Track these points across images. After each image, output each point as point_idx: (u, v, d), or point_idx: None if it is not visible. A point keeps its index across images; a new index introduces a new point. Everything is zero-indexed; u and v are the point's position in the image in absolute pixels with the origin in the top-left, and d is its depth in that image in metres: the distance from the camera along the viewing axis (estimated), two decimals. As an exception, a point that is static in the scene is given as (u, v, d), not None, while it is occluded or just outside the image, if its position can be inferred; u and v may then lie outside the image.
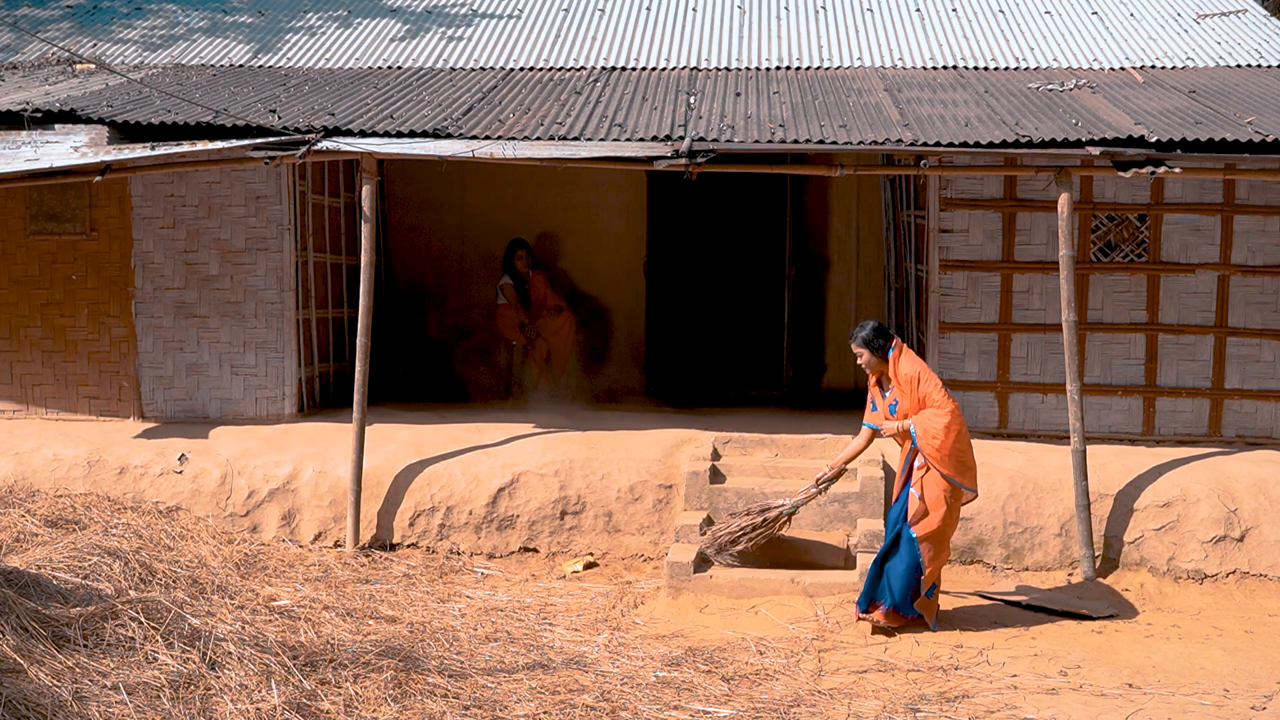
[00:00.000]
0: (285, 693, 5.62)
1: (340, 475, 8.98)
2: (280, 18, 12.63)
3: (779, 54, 11.59)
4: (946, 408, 7.31)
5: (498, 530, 8.89)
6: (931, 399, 7.34)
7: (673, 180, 11.21)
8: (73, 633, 5.90)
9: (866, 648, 7.13)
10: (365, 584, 8.08)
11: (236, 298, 10.10)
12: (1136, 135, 8.51)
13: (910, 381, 7.40)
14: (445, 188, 12.36)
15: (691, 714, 6.01)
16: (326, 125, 8.89)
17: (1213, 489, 8.67)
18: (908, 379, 7.41)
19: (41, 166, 8.74)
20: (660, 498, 8.90)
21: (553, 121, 9.19)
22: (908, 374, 7.42)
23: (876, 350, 7.50)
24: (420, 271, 12.60)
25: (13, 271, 10.25)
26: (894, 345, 7.50)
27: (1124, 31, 11.95)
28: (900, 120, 9.09)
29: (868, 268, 12.34)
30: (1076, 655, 7.08)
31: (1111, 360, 9.77)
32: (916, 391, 7.37)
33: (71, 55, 11.31)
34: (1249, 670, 6.91)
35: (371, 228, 9.00)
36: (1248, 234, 9.68)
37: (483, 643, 7.01)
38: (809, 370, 12.44)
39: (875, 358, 7.51)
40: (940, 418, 7.28)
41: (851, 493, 8.63)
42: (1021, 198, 9.79)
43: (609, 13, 12.55)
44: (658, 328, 12.57)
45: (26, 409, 10.27)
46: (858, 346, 7.55)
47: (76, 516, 8.51)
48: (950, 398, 7.39)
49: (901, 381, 7.43)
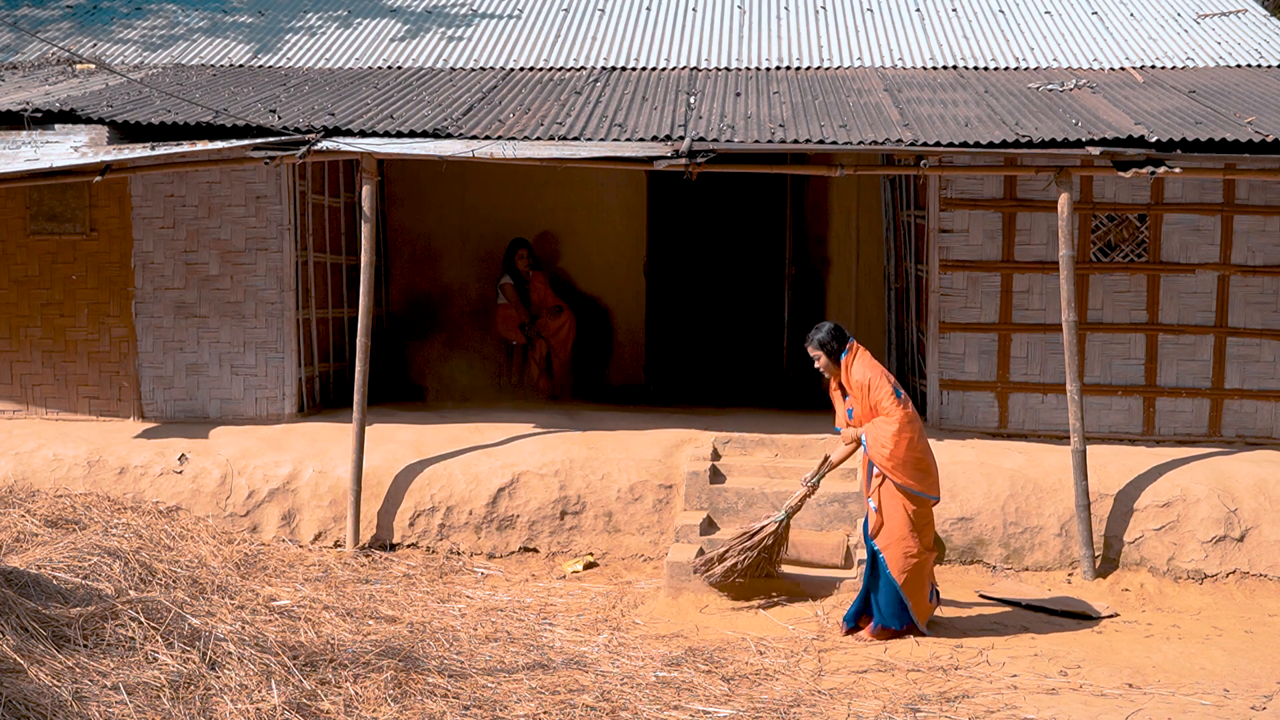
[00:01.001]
0: (285, 693, 5.62)
1: (340, 475, 8.98)
2: (280, 18, 12.63)
3: (779, 54, 11.59)
4: (896, 414, 7.12)
5: (498, 530, 8.89)
6: (882, 406, 7.16)
7: (673, 180, 11.22)
8: (73, 633, 5.90)
9: (866, 648, 7.12)
10: (365, 584, 8.08)
11: (236, 298, 10.10)
12: (1136, 135, 8.50)
13: (862, 388, 7.23)
14: (445, 188, 12.36)
15: (691, 714, 6.00)
16: (326, 125, 8.89)
17: (1213, 489, 8.67)
18: (859, 385, 7.25)
19: (41, 166, 8.74)
20: (660, 498, 8.90)
21: (553, 121, 9.19)
22: (859, 380, 7.25)
23: (832, 354, 7.34)
24: (420, 271, 12.60)
25: (13, 271, 10.25)
26: (848, 349, 7.32)
27: (1124, 31, 11.94)
28: (900, 120, 9.09)
29: (868, 268, 12.34)
30: (1076, 655, 7.08)
31: (1111, 360, 9.77)
32: (868, 398, 7.21)
33: (71, 55, 11.31)
34: (1249, 670, 6.91)
35: (371, 228, 9.00)
36: (1248, 234, 9.68)
37: (483, 643, 7.01)
38: (809, 370, 12.41)
39: (830, 361, 7.36)
40: (889, 425, 7.10)
41: (851, 493, 8.63)
42: (1021, 198, 9.79)
43: (609, 13, 12.55)
44: (658, 328, 12.57)
45: (26, 409, 10.27)
46: (813, 349, 7.39)
47: (76, 516, 8.51)
48: (901, 404, 7.17)
49: (854, 387, 7.28)
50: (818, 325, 7.48)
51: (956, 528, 8.70)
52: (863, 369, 7.27)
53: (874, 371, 7.27)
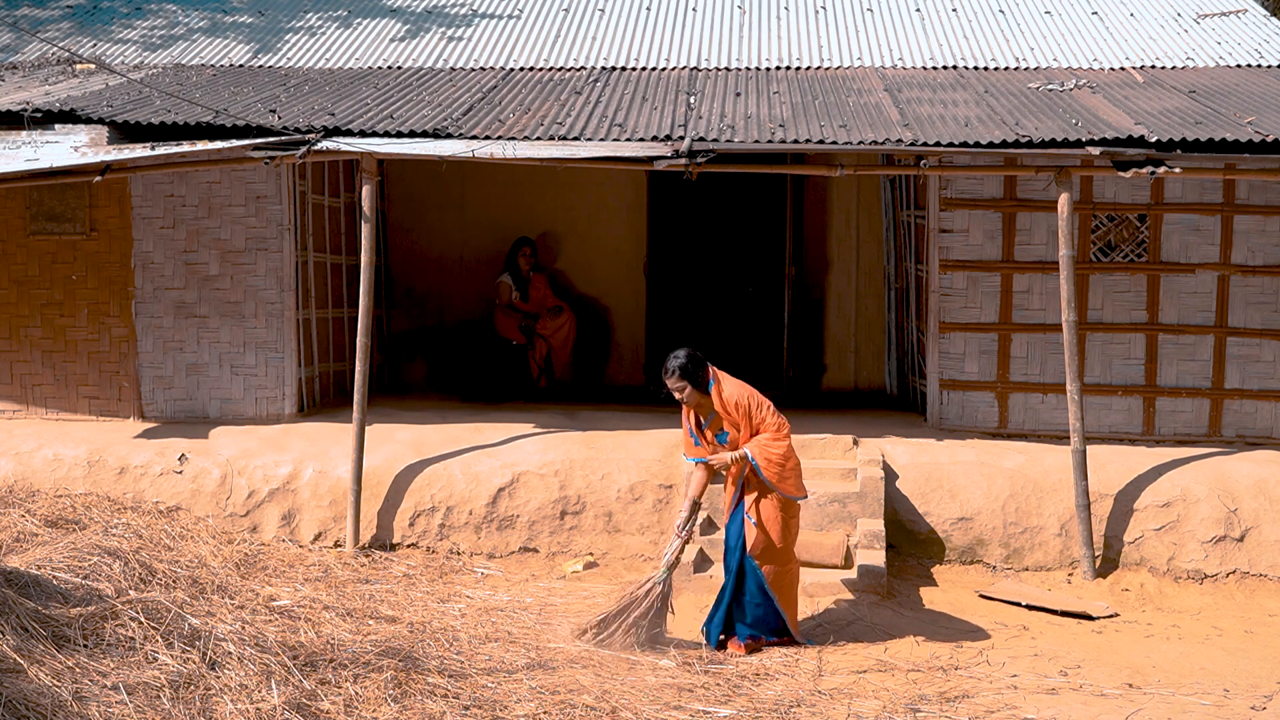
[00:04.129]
0: (285, 693, 5.62)
1: (340, 475, 8.98)
2: (280, 18, 12.63)
3: (779, 54, 11.59)
4: (784, 429, 6.95)
5: (498, 530, 8.89)
6: (767, 423, 6.93)
7: (673, 180, 11.21)
8: (73, 633, 5.90)
9: (867, 648, 7.12)
10: (365, 584, 8.07)
11: (236, 298, 10.10)
12: (1136, 135, 8.50)
13: (742, 409, 6.94)
14: (445, 188, 12.36)
15: (691, 714, 6.00)
16: (326, 125, 8.89)
17: (1213, 489, 8.67)
18: (738, 407, 6.94)
19: (41, 166, 8.74)
20: (660, 498, 8.90)
21: (553, 121, 9.19)
22: (736, 402, 6.95)
23: (699, 383, 6.95)
24: (420, 272, 12.60)
25: (13, 271, 10.25)
26: (713, 376, 6.99)
27: (1124, 31, 11.94)
28: (900, 120, 9.09)
29: (868, 268, 12.34)
30: (1076, 655, 7.08)
31: (1111, 360, 9.78)
32: (750, 420, 6.95)
33: (71, 55, 11.31)
34: (1249, 670, 6.91)
35: (371, 228, 9.00)
36: (1248, 234, 9.68)
37: (483, 643, 7.00)
38: (809, 370, 12.44)
39: (697, 391, 6.96)
40: (780, 443, 6.91)
41: (851, 493, 8.63)
42: (1021, 198, 9.79)
43: (609, 13, 12.55)
44: (658, 328, 12.56)
45: (26, 409, 10.27)
46: (676, 380, 6.93)
47: (76, 516, 8.51)
48: (778, 413, 7.02)
49: (731, 410, 6.95)
50: (674, 354, 7.00)
51: (956, 528, 8.70)
52: (734, 390, 6.98)
53: (744, 390, 7.02)
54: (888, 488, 8.78)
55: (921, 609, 7.96)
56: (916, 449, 9.16)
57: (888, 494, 8.75)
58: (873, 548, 8.18)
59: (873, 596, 7.92)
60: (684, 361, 6.94)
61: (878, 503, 8.56)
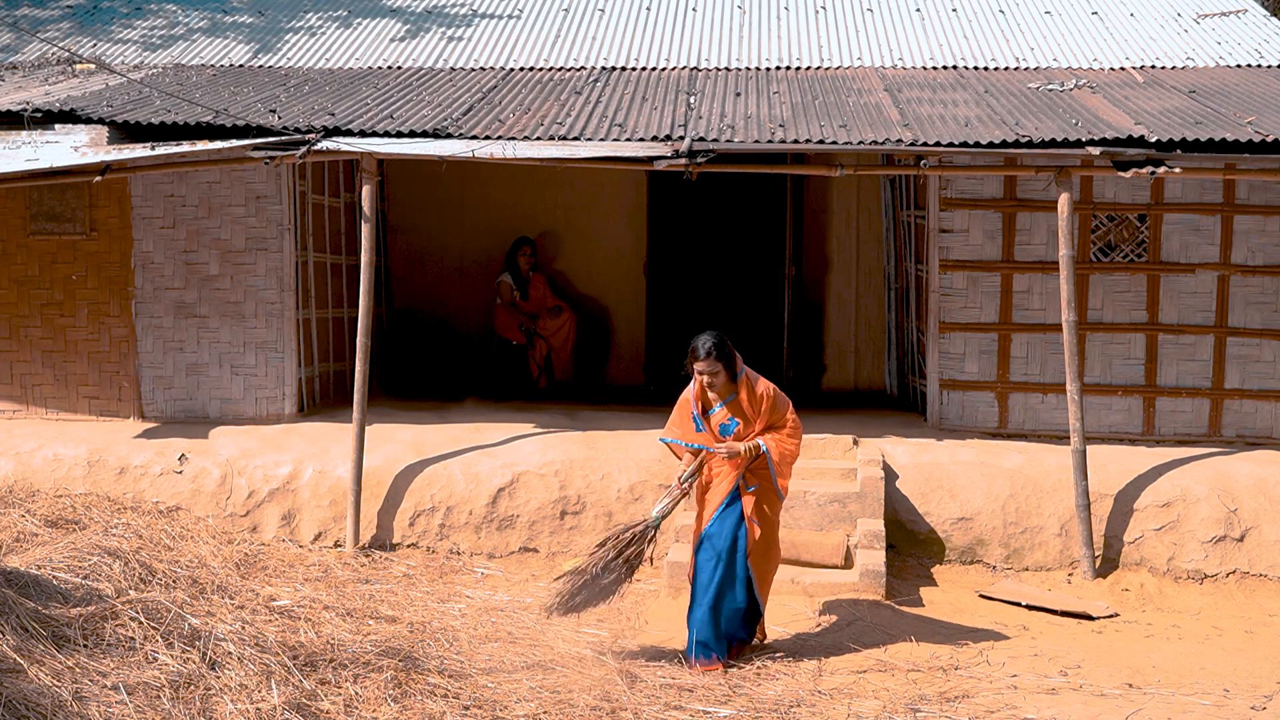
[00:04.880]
0: (285, 693, 5.62)
1: (340, 475, 8.98)
2: (280, 18, 12.63)
3: (779, 54, 11.59)
4: (799, 427, 6.81)
5: (498, 530, 8.89)
6: (787, 418, 6.74)
7: (673, 180, 11.21)
8: (73, 633, 5.90)
9: (866, 648, 7.12)
10: (365, 584, 8.07)
11: (236, 298, 10.10)
12: (1136, 135, 8.50)
13: (768, 400, 6.71)
14: (445, 188, 12.36)
15: (691, 714, 6.00)
16: (326, 125, 8.89)
17: (1213, 489, 8.67)
18: (764, 398, 6.71)
19: (41, 166, 8.74)
20: (660, 497, 8.88)
21: (553, 121, 9.19)
22: (763, 393, 6.71)
23: (732, 368, 6.65)
24: (420, 272, 12.60)
25: (13, 271, 10.25)
26: (741, 366, 6.75)
27: (1124, 31, 11.94)
28: (900, 120, 9.09)
29: (868, 268, 12.34)
30: (1076, 655, 7.08)
31: (1111, 360, 9.78)
32: (771, 413, 6.71)
33: (71, 55, 11.31)
34: (1249, 670, 6.91)
35: (371, 228, 9.00)
36: (1248, 234, 9.68)
37: (483, 643, 7.01)
38: (809, 370, 12.44)
39: (727, 375, 6.65)
40: (795, 442, 6.78)
41: (851, 492, 8.62)
42: (1021, 198, 9.79)
43: (609, 13, 12.55)
44: (658, 328, 12.56)
45: (26, 409, 10.27)
46: (710, 363, 6.59)
47: (76, 516, 8.51)
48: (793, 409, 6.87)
49: (757, 402, 6.71)
50: (702, 337, 6.68)
51: (956, 528, 8.70)
52: (765, 384, 6.77)
53: (771, 384, 6.81)
54: (888, 488, 8.78)
55: (921, 609, 7.96)
56: (916, 449, 9.16)
57: (888, 494, 8.75)
58: (873, 548, 8.18)
59: (873, 596, 7.92)
60: (718, 342, 6.63)
61: (878, 503, 8.56)
